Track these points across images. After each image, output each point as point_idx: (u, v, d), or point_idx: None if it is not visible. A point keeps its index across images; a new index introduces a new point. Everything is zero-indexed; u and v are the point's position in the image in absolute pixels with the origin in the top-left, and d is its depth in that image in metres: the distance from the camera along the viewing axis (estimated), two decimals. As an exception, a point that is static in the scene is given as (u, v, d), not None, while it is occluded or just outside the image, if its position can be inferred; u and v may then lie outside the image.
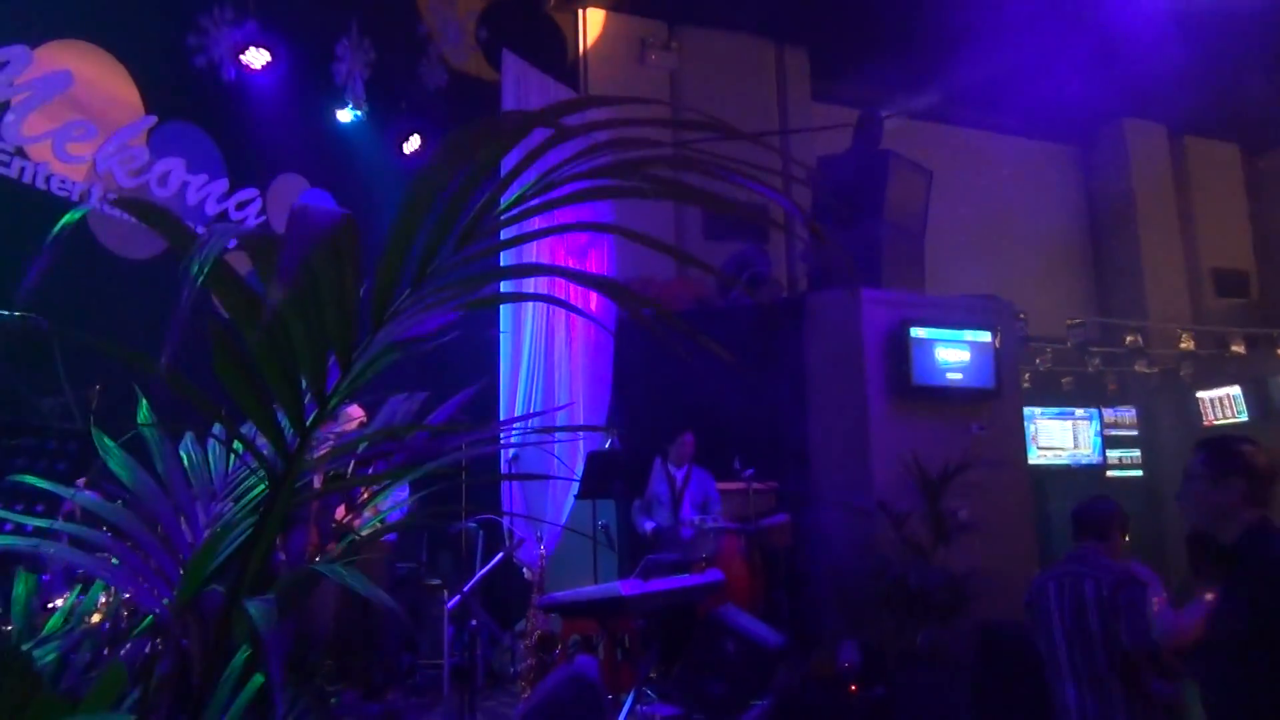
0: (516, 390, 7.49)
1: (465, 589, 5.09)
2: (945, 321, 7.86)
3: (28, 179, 5.75)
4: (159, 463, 1.60)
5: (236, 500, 1.58)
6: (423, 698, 6.50)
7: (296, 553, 1.36)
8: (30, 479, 1.63)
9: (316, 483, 1.75)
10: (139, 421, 1.71)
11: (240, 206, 7.05)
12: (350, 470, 1.50)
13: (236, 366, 1.04)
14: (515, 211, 1.13)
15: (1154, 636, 3.24)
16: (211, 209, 6.82)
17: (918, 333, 7.65)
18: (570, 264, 7.80)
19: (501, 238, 1.28)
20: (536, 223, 1.35)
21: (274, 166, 7.34)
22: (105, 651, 1.39)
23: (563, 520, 7.36)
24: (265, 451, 1.21)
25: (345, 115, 7.74)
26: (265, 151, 7.20)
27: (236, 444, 1.36)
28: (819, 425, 7.60)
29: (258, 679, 1.35)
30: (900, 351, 7.59)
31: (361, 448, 1.53)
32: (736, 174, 1.19)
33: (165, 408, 1.67)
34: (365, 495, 1.51)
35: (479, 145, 1.01)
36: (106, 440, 1.63)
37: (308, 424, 1.11)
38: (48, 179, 5.81)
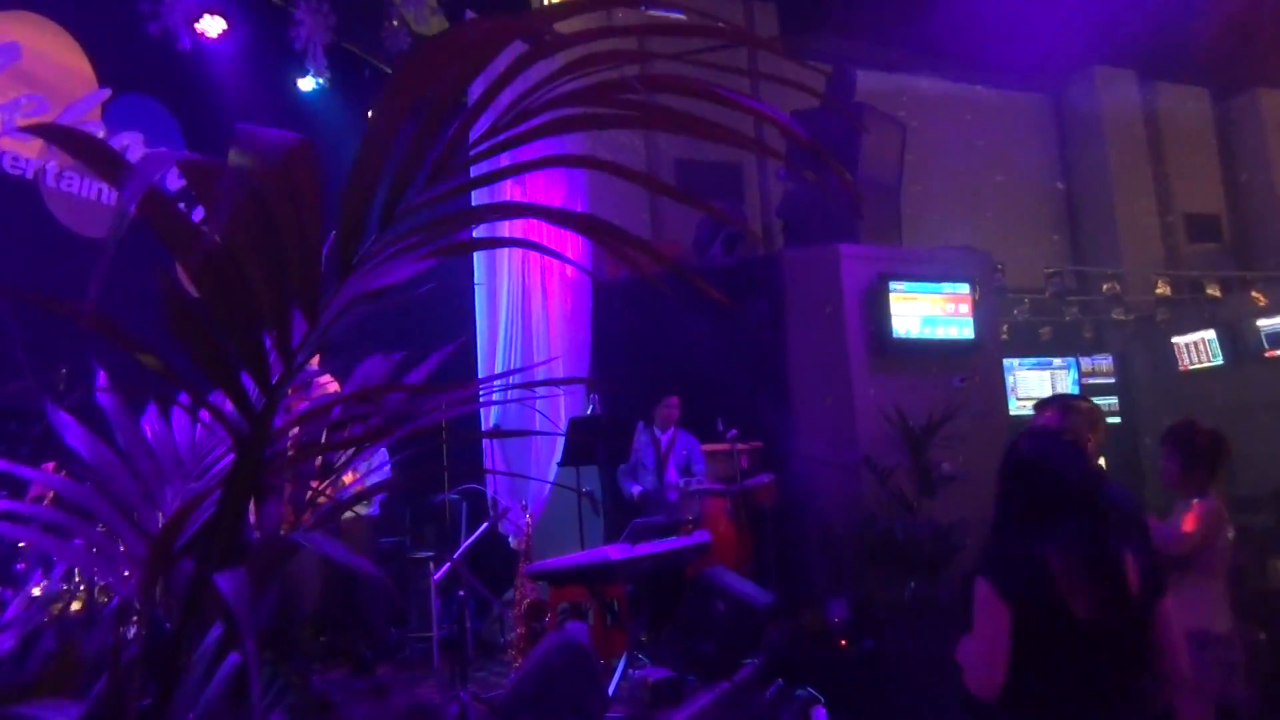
0: (495, 356, 7.40)
1: (452, 559, 5.02)
2: (924, 275, 7.82)
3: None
4: (118, 436, 1.51)
5: (206, 472, 1.50)
6: (413, 671, 6.46)
7: (270, 524, 1.30)
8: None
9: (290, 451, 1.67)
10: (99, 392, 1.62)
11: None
12: (324, 437, 1.42)
13: (191, 321, 0.95)
14: (487, 144, 1.04)
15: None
16: (173, 184, 6.64)
17: (896, 287, 7.61)
18: (544, 229, 7.67)
19: (472, 175, 1.19)
20: (506, 161, 1.26)
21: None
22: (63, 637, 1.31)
23: (547, 488, 7.30)
24: (231, 416, 1.13)
25: (307, 84, 7.54)
26: (225, 123, 6.97)
27: (201, 410, 1.28)
28: (801, 383, 7.57)
29: (234, 657, 1.27)
30: (879, 306, 7.56)
31: (335, 411, 1.45)
32: (714, 97, 1.11)
33: (127, 380, 1.58)
34: (341, 461, 1.43)
35: (442, 65, 0.92)
36: (62, 415, 1.54)
37: (274, 382, 1.03)
38: (13, 161, 5.63)
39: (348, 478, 6.43)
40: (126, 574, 1.32)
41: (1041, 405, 4.00)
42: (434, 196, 1.03)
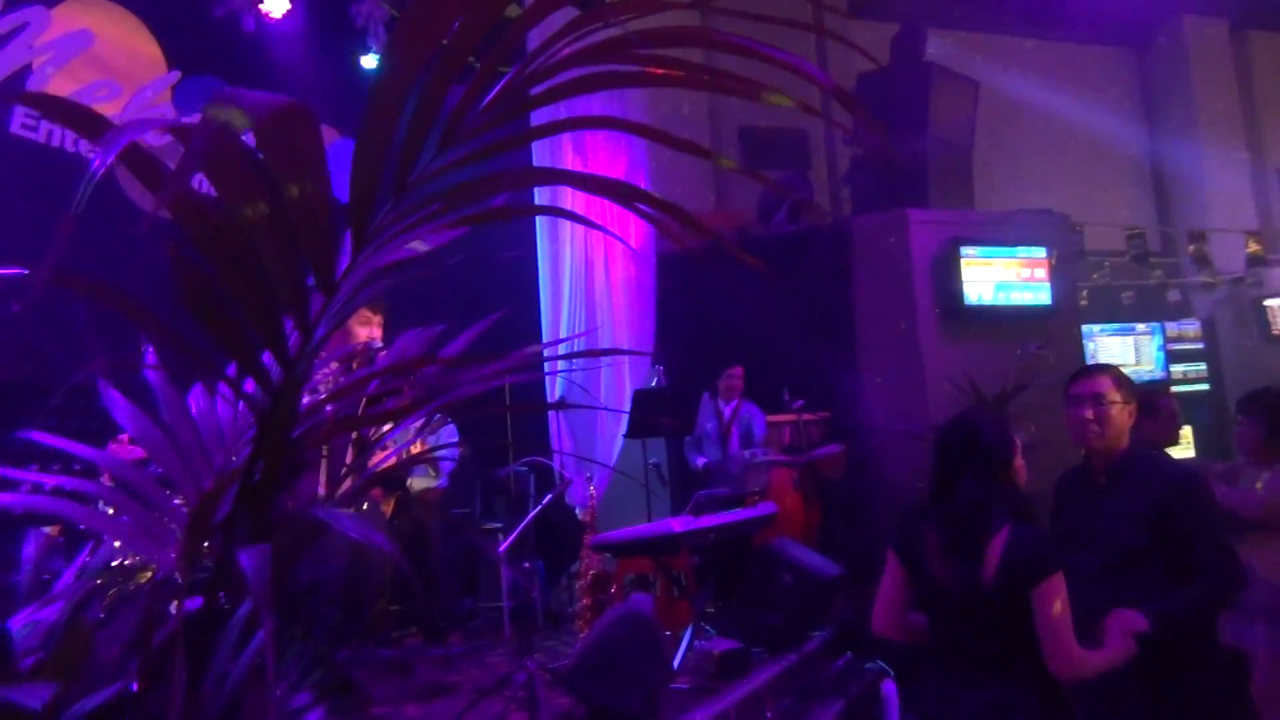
0: (559, 328, 7.41)
1: (515, 532, 5.06)
2: (997, 239, 7.58)
3: (56, 143, 5.71)
4: (163, 412, 1.52)
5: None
6: (484, 640, 6.55)
7: (304, 499, 1.29)
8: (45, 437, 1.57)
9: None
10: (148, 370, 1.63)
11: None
12: (360, 411, 1.41)
13: (205, 295, 0.94)
14: (500, 109, 1.00)
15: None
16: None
17: (968, 252, 7.39)
18: (606, 202, 7.62)
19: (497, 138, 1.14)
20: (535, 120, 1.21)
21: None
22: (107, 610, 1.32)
23: (614, 460, 7.31)
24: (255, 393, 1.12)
25: (370, 61, 7.59)
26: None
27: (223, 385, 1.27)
28: (869, 352, 7.42)
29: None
30: (951, 272, 7.35)
31: (372, 385, 1.43)
32: (768, 58, 1.04)
33: (175, 358, 1.59)
34: (375, 434, 1.42)
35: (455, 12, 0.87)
36: (112, 393, 1.56)
37: (293, 356, 1.01)
38: (76, 141, 5.76)
39: (415, 448, 6.53)
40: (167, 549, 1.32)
41: None
42: (452, 162, 0.99)
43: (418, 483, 6.65)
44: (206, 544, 1.26)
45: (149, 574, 4.36)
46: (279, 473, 1.17)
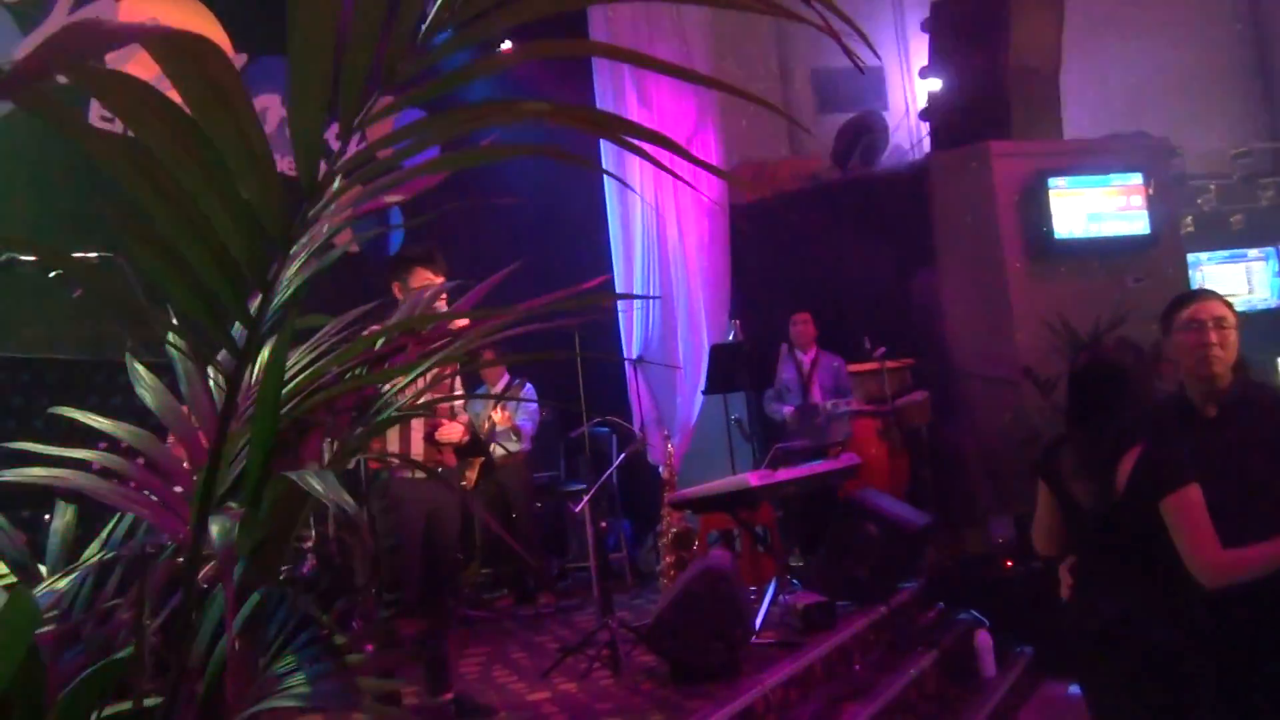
0: (632, 284, 7.33)
1: (590, 493, 5.07)
2: (1088, 168, 7.19)
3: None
4: (183, 385, 1.51)
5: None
6: (573, 599, 6.63)
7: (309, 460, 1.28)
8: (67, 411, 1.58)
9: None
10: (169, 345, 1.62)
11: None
12: (362, 372, 1.37)
13: (156, 249, 0.90)
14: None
15: None
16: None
17: (1057, 183, 7.02)
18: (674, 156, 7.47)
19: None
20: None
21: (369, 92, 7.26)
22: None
23: (693, 417, 7.24)
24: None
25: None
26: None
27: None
28: (954, 294, 7.15)
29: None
30: (1039, 205, 7.01)
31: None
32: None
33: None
34: (387, 391, 1.37)
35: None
36: (138, 365, 1.56)
37: (253, 313, 0.97)
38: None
39: (497, 415, 6.61)
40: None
41: None
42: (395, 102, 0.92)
43: (501, 448, 6.73)
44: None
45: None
46: (267, 438, 1.14)
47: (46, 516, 1.62)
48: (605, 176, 7.38)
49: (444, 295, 3.36)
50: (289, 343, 1.14)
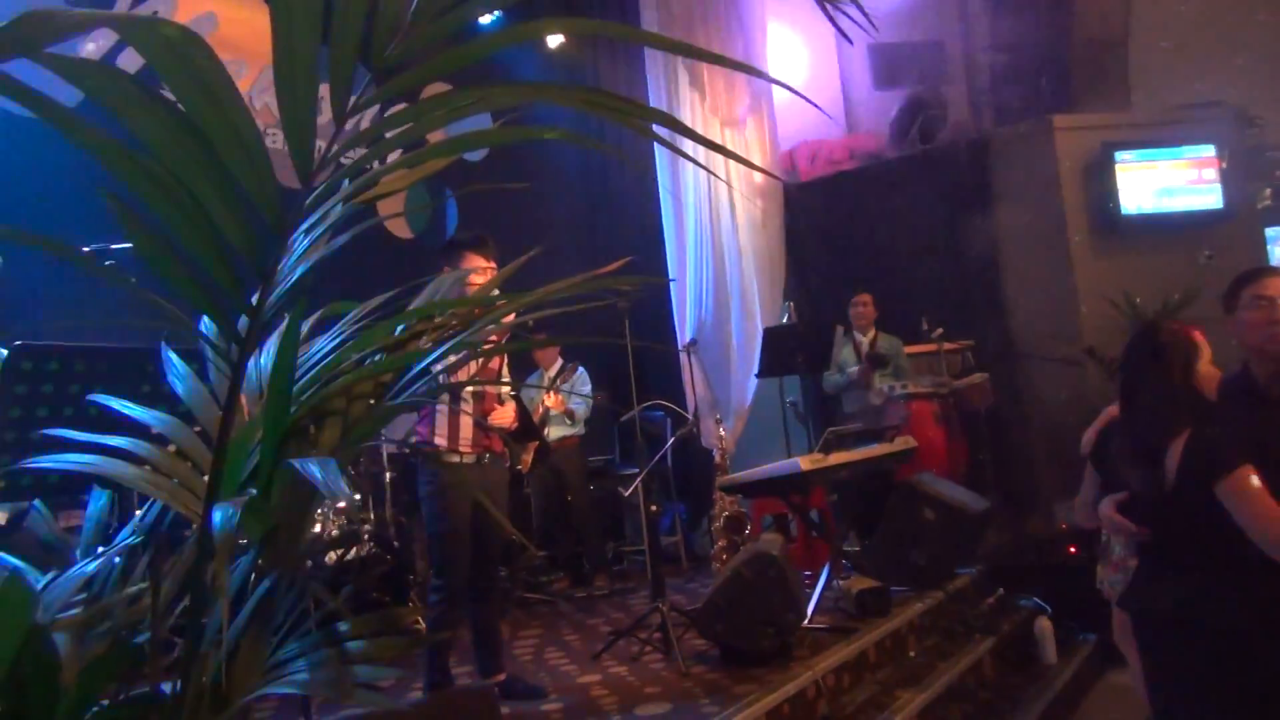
0: (685, 267, 7.29)
1: (640, 476, 5.06)
2: (1157, 140, 6.93)
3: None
4: (211, 373, 1.54)
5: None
6: (628, 583, 6.66)
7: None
8: (105, 399, 1.62)
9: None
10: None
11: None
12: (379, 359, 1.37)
13: (155, 242, 0.91)
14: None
15: None
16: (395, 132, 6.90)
17: (1124, 156, 6.79)
18: (728, 136, 7.41)
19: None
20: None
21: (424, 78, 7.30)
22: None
23: (748, 401, 7.19)
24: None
25: (486, 17, 7.62)
26: (412, 65, 7.16)
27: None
28: (1015, 272, 6.96)
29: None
30: (1104, 180, 6.78)
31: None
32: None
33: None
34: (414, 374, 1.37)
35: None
36: (171, 354, 1.59)
37: (255, 301, 0.97)
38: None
39: (549, 399, 6.64)
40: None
41: None
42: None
43: (556, 431, 6.77)
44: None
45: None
46: (278, 425, 1.15)
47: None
48: (656, 158, 7.34)
49: (477, 280, 3.37)
50: (298, 330, 1.14)
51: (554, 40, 8.17)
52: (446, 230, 7.39)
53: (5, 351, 2.18)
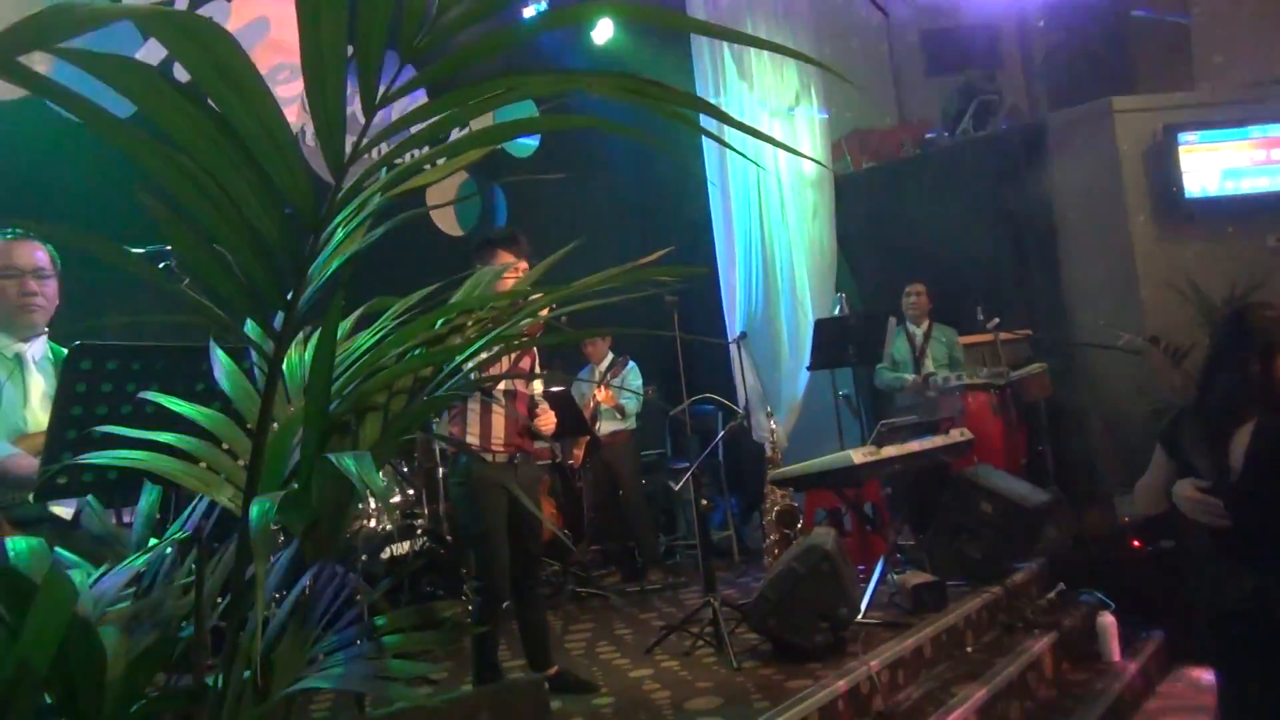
0: (734, 260, 7.24)
1: (689, 471, 5.04)
2: (1223, 121, 6.71)
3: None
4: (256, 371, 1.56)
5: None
6: (681, 577, 6.64)
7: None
8: (156, 397, 1.64)
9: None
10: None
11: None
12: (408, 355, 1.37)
13: (191, 239, 0.91)
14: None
15: None
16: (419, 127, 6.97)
17: (1188, 138, 6.58)
18: (775, 126, 7.34)
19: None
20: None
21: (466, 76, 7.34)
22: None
23: (799, 393, 7.12)
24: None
25: (529, 10, 7.64)
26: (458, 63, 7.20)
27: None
28: (1074, 260, 6.80)
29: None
30: (1167, 163, 6.58)
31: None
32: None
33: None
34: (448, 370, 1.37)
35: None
36: (220, 353, 1.61)
37: (289, 297, 0.97)
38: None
39: (600, 394, 6.66)
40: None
41: None
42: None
43: (607, 426, 6.78)
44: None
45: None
46: (318, 420, 1.15)
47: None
48: (705, 151, 7.30)
49: (513, 275, 3.37)
50: (336, 324, 1.14)
51: (602, 35, 8.17)
52: (496, 227, 7.44)
53: (65, 351, 2.23)
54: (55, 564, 0.86)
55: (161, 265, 2.93)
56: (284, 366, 1.58)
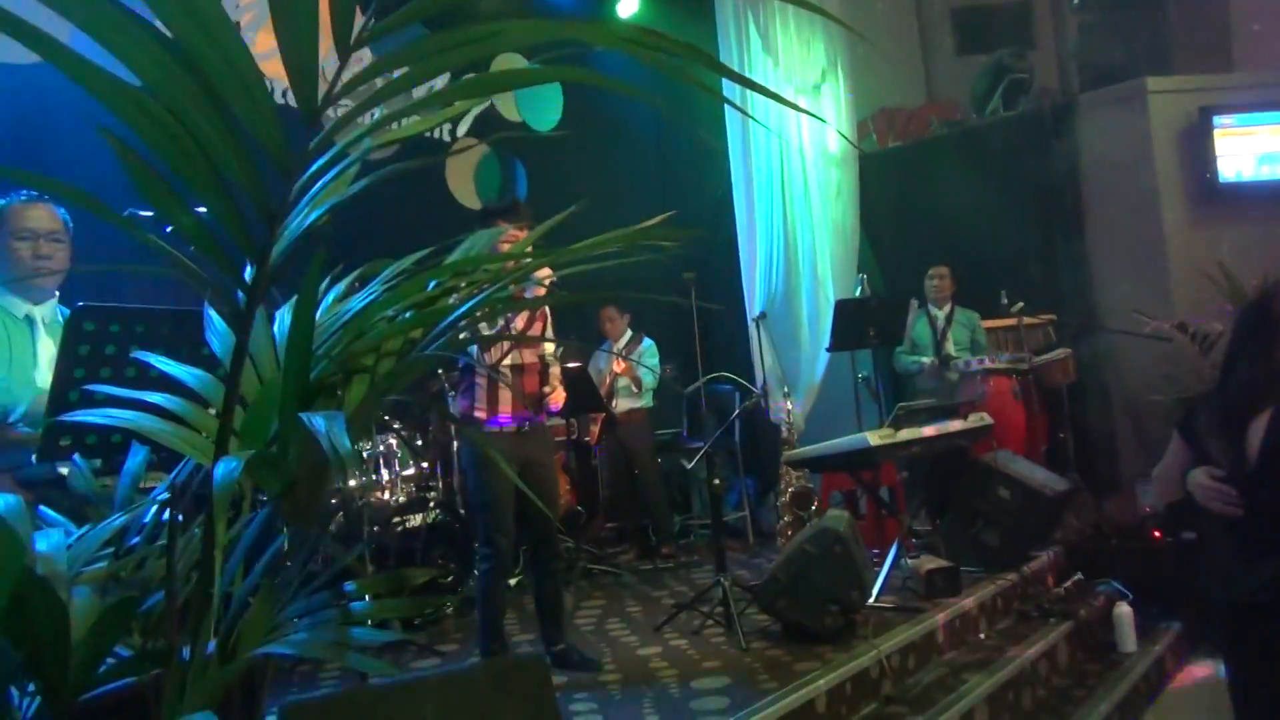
0: (755, 239, 7.15)
1: (704, 449, 4.99)
2: (1260, 103, 6.54)
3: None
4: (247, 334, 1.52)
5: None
6: (694, 555, 6.63)
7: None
8: (149, 357, 1.62)
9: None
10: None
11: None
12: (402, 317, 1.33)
13: (158, 183, 0.87)
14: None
15: None
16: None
17: (1223, 121, 6.42)
18: (801, 103, 7.22)
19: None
20: None
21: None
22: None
23: (818, 375, 7.05)
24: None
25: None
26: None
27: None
28: (1102, 243, 6.66)
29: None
30: (1201, 146, 6.42)
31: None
32: None
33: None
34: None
35: None
36: (213, 314, 1.58)
37: (262, 247, 0.94)
38: (284, 93, 6.09)
39: (618, 365, 6.62)
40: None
41: None
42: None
43: (624, 404, 6.75)
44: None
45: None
46: (297, 380, 1.11)
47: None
48: (728, 123, 7.20)
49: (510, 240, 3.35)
50: (317, 280, 1.10)
51: (626, 8, 8.08)
52: (520, 195, 7.40)
53: (68, 311, 2.22)
54: (1, 520, 0.83)
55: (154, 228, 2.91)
56: (275, 327, 1.55)
